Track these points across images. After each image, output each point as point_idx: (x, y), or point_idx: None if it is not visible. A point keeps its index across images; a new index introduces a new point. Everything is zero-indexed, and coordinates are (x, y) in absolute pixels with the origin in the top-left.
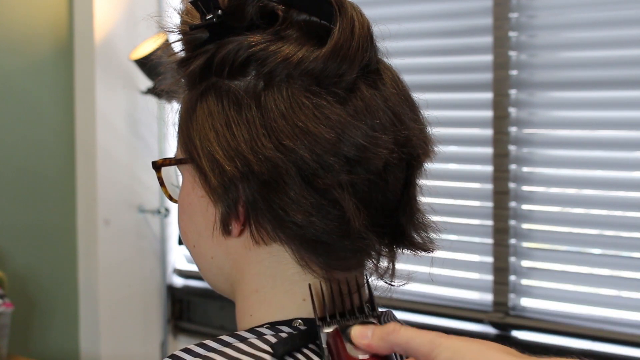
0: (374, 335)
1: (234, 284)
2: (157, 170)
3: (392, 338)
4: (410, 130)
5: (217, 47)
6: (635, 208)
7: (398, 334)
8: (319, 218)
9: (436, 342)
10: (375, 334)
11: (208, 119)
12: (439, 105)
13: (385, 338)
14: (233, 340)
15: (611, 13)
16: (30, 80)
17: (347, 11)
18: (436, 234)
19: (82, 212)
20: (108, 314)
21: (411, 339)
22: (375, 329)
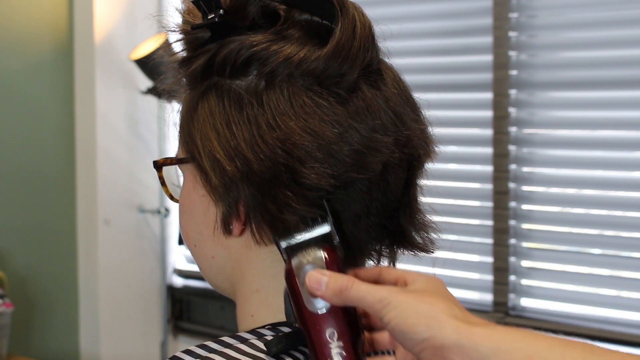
0: (328, 288)
1: (235, 284)
2: (159, 169)
3: (346, 295)
4: (411, 131)
5: (219, 47)
6: (635, 208)
7: (350, 291)
8: None
9: (385, 301)
10: (330, 287)
11: (209, 118)
12: (439, 105)
13: (340, 295)
14: (234, 341)
15: (611, 13)
16: (30, 80)
17: (349, 11)
18: (436, 234)
19: (82, 212)
20: (108, 314)
21: (363, 298)
22: (330, 281)
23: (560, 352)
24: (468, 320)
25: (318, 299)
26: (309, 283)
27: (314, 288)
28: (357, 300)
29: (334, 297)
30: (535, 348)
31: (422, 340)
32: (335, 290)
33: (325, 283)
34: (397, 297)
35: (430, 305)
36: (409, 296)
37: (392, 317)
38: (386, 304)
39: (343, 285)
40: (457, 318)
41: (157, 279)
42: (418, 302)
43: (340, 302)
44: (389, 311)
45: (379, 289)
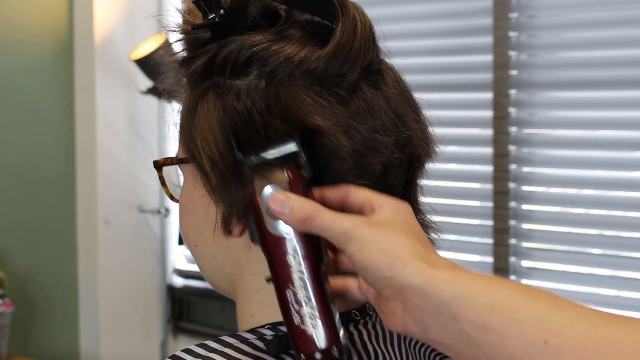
0: (291, 214)
1: (235, 284)
2: (159, 169)
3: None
4: (411, 131)
5: (219, 47)
6: (635, 208)
7: (315, 220)
8: None
9: (349, 234)
10: (294, 214)
11: (209, 118)
12: (439, 105)
13: (303, 223)
14: (234, 340)
15: (611, 13)
16: (30, 80)
17: (350, 11)
18: (437, 235)
19: (82, 212)
20: (108, 314)
21: (327, 228)
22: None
23: (524, 303)
24: (432, 262)
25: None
26: (273, 206)
27: (277, 212)
28: (321, 230)
29: (297, 224)
30: (498, 297)
31: (383, 279)
32: (299, 218)
33: (289, 207)
34: (361, 231)
35: (394, 242)
36: (372, 230)
37: (354, 251)
38: (349, 236)
39: (308, 214)
40: (421, 258)
41: (157, 279)
42: (382, 238)
43: (304, 230)
44: (352, 244)
45: (344, 219)
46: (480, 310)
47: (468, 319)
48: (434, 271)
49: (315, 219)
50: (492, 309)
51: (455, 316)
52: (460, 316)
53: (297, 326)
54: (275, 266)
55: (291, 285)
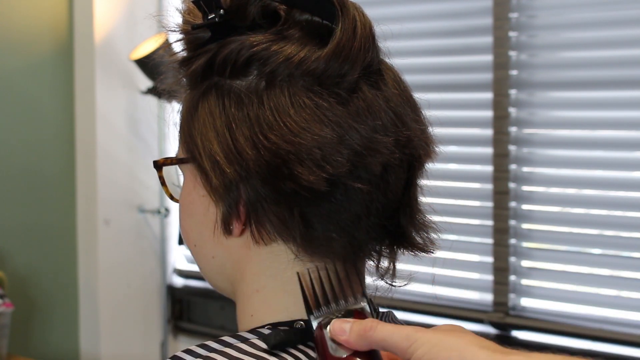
0: (351, 332)
1: (235, 284)
2: (159, 169)
3: (370, 336)
4: (411, 131)
5: (219, 47)
6: (635, 208)
7: (375, 331)
8: None
9: (412, 338)
10: (354, 330)
11: (209, 118)
12: (439, 105)
13: (363, 336)
14: (234, 340)
15: (611, 13)
16: (30, 80)
17: (349, 11)
18: (437, 235)
19: (82, 212)
20: (108, 314)
21: (388, 337)
22: (354, 325)
23: None
24: (501, 350)
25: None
26: (333, 330)
27: (337, 334)
28: (382, 340)
29: (358, 340)
30: None
31: None
32: (359, 332)
33: (349, 327)
34: (424, 334)
35: (458, 338)
36: (435, 331)
37: (422, 354)
38: (413, 341)
39: (367, 327)
40: (489, 348)
41: (157, 279)
42: (445, 337)
43: (366, 344)
44: (418, 347)
45: (404, 327)
46: None
47: None
48: (506, 355)
49: (375, 330)
50: None
51: None
52: None
53: None
54: None
55: None
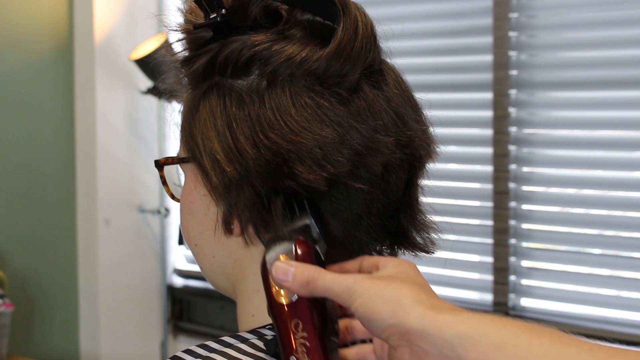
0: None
1: (235, 284)
2: (160, 169)
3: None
4: (412, 131)
5: (221, 46)
6: (635, 208)
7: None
8: None
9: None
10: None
11: (210, 117)
12: (439, 105)
13: (306, 287)
14: (234, 341)
15: (611, 13)
16: (30, 80)
17: (351, 11)
18: (437, 235)
19: (82, 212)
20: (108, 314)
21: (330, 288)
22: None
23: (527, 340)
24: (434, 306)
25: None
26: (276, 274)
27: (280, 279)
28: (324, 291)
29: (300, 289)
30: (501, 335)
31: (387, 327)
32: (301, 282)
33: (292, 274)
34: (363, 285)
35: (395, 290)
36: (374, 283)
37: (358, 305)
38: (352, 292)
39: (310, 277)
40: (423, 303)
41: (157, 279)
42: (383, 289)
43: (308, 294)
44: (355, 299)
45: (345, 277)
46: (483, 349)
47: (472, 358)
48: (436, 314)
49: (318, 280)
50: (496, 347)
51: (459, 356)
52: (464, 356)
53: None
54: (281, 332)
55: (294, 352)
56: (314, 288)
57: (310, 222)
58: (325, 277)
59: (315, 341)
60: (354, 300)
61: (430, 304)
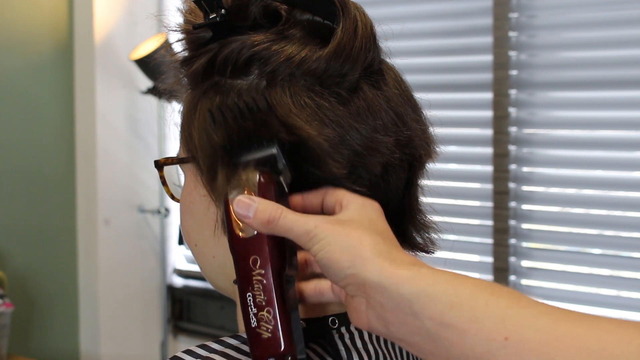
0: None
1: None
2: (159, 169)
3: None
4: (412, 131)
5: (220, 46)
6: (635, 208)
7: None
8: None
9: (311, 234)
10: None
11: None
12: (439, 105)
13: (266, 226)
14: (234, 341)
15: (611, 13)
16: (30, 80)
17: (350, 11)
18: (437, 235)
19: (82, 212)
20: (108, 314)
21: (290, 229)
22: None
23: (484, 299)
24: (393, 259)
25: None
26: (237, 209)
27: (241, 215)
28: (285, 231)
29: (261, 227)
30: (459, 294)
31: (345, 277)
32: (262, 221)
33: (253, 210)
34: (324, 230)
35: (355, 240)
36: (334, 228)
37: (316, 250)
38: (312, 236)
39: (271, 216)
40: (382, 255)
41: (157, 279)
42: (343, 236)
43: (268, 232)
44: (314, 244)
45: (307, 220)
46: (440, 307)
47: (428, 315)
48: (395, 268)
49: (279, 220)
50: (453, 305)
51: (415, 313)
52: (420, 313)
53: (253, 329)
54: (239, 268)
55: (251, 289)
56: (275, 227)
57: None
58: (287, 217)
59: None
60: (313, 244)
61: (389, 256)
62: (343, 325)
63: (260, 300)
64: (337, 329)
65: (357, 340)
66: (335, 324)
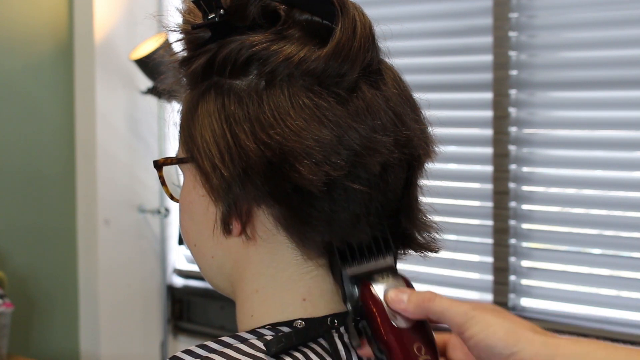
0: (409, 301)
1: (234, 284)
2: (159, 169)
3: (429, 307)
4: (411, 131)
5: (219, 47)
6: (635, 208)
7: (434, 302)
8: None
9: (469, 315)
10: (412, 300)
11: (208, 118)
12: (439, 105)
13: (422, 306)
14: (234, 341)
15: (611, 13)
16: (30, 80)
17: (349, 11)
18: (438, 234)
19: (82, 212)
20: (108, 314)
21: (446, 310)
22: (412, 295)
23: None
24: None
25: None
26: (392, 298)
27: (395, 301)
28: (440, 313)
29: (416, 309)
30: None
31: (509, 355)
32: (417, 302)
33: (407, 297)
34: (481, 313)
35: (514, 323)
36: (491, 312)
37: (477, 331)
38: (470, 317)
39: (426, 298)
40: (540, 332)
41: (157, 279)
42: (500, 319)
43: (422, 315)
44: (473, 325)
45: (461, 303)
46: None
47: None
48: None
49: (434, 301)
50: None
51: None
52: None
53: None
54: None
55: None
56: (430, 308)
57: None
58: (442, 300)
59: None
60: (472, 325)
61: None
62: (342, 325)
63: None
64: (337, 329)
65: None
66: (334, 323)
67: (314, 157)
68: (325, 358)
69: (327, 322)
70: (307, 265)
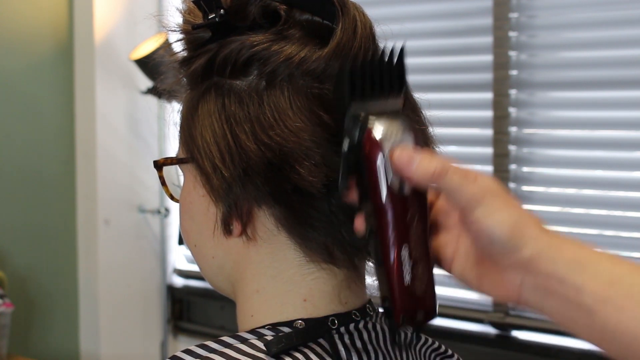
0: (419, 166)
1: (235, 284)
2: (159, 169)
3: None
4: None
5: (220, 47)
6: (635, 208)
7: (444, 179)
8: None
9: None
10: (422, 166)
11: (209, 118)
12: (439, 105)
13: (430, 179)
14: (234, 341)
15: (611, 13)
16: (30, 80)
17: (350, 11)
18: None
19: (82, 212)
20: (108, 314)
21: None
22: (423, 159)
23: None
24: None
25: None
26: (399, 159)
27: (403, 164)
28: (450, 188)
29: (422, 179)
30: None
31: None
32: (427, 173)
33: (417, 162)
34: (492, 197)
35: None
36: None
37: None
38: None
39: (438, 169)
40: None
41: (157, 279)
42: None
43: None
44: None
45: (472, 182)
46: (602, 282)
47: (590, 289)
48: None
49: (446, 176)
50: (613, 281)
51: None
52: (583, 286)
53: (406, 285)
54: (394, 222)
55: (407, 243)
56: (441, 182)
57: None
58: (453, 175)
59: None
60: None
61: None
62: (343, 325)
63: (416, 255)
64: (337, 329)
65: (356, 341)
66: (335, 324)
67: (313, 158)
68: (325, 358)
69: (328, 323)
70: (309, 267)
